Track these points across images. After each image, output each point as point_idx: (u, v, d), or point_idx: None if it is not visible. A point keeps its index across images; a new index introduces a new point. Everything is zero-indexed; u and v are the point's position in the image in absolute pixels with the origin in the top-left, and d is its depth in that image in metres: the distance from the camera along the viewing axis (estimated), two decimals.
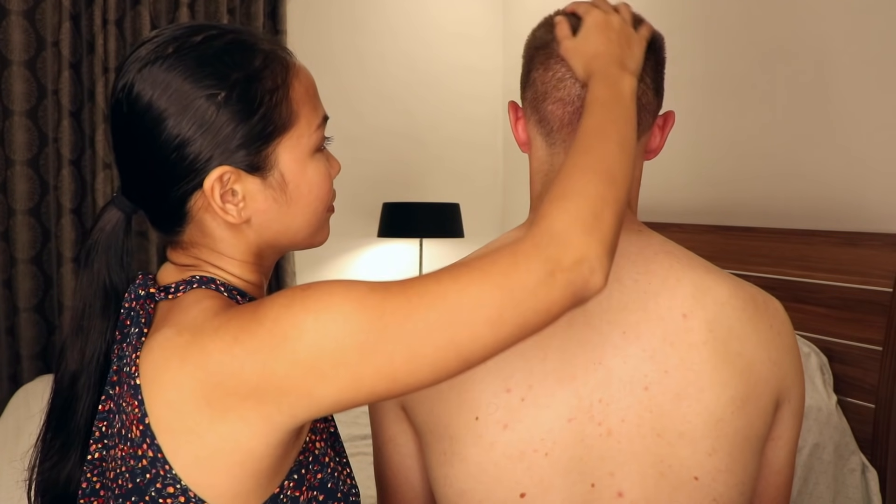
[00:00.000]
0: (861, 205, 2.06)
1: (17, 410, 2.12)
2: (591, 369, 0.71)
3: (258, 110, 0.67)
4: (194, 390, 0.59)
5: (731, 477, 0.71)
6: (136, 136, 0.67)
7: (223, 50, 0.67)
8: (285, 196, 0.70)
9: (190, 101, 0.65)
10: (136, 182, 0.69)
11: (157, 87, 0.66)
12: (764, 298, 0.77)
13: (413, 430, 0.78)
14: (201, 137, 0.66)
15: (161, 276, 0.73)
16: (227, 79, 0.66)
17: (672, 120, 0.83)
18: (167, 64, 0.66)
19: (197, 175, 0.67)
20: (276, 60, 0.69)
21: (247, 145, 0.67)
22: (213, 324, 0.61)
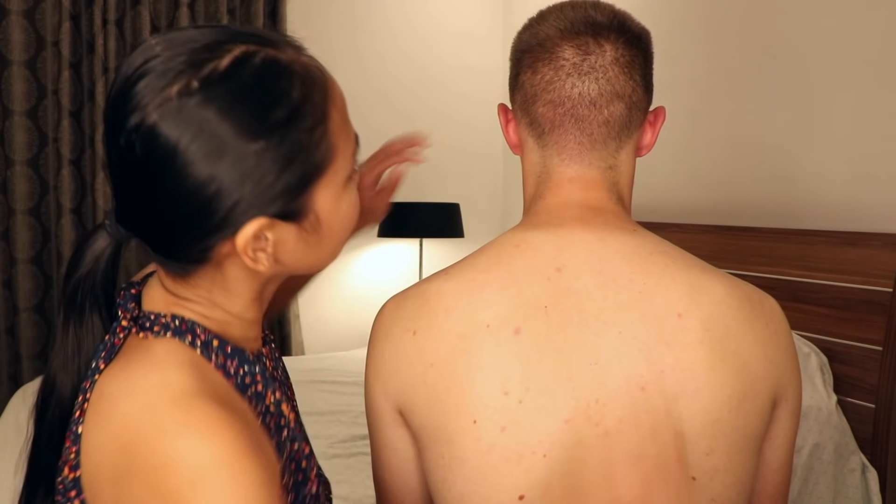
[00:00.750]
0: (861, 205, 2.06)
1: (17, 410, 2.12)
2: (587, 370, 0.71)
3: (299, 154, 0.60)
4: (110, 467, 0.57)
5: (728, 476, 0.71)
6: (155, 182, 0.58)
7: (258, 79, 0.59)
8: (318, 236, 0.65)
9: (226, 146, 0.57)
10: (147, 224, 0.62)
11: (187, 128, 0.57)
12: (760, 297, 0.77)
13: (411, 434, 0.78)
14: (239, 188, 0.58)
15: (146, 293, 0.67)
16: (267, 119, 0.58)
17: (663, 116, 0.83)
18: (196, 100, 0.57)
19: (229, 227, 0.60)
20: (312, 84, 0.62)
21: (286, 194, 0.60)
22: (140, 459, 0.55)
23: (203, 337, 0.63)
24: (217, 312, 0.66)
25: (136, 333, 0.63)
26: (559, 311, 0.72)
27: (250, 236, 0.60)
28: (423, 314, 0.75)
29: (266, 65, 0.60)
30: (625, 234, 0.77)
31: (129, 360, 0.61)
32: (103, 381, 0.60)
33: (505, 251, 0.77)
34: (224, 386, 0.62)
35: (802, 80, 2.23)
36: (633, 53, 0.77)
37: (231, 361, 0.65)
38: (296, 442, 0.69)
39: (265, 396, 0.67)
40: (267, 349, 0.74)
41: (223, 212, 0.59)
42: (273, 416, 0.67)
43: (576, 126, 0.78)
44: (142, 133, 0.57)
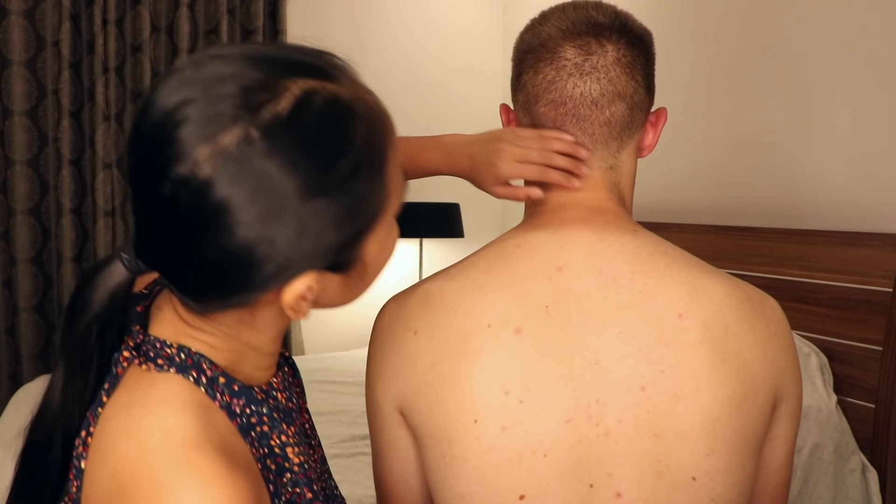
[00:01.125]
0: (861, 205, 2.06)
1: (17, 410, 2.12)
2: (587, 370, 0.71)
3: (358, 208, 0.56)
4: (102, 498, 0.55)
5: (729, 477, 0.71)
6: (199, 236, 0.53)
7: (322, 125, 0.54)
8: (361, 280, 0.62)
9: (286, 205, 0.52)
10: (177, 269, 0.57)
11: (245, 186, 0.51)
12: (760, 297, 0.77)
13: (411, 434, 0.78)
14: (293, 246, 0.54)
15: (155, 313, 0.63)
16: (331, 173, 0.53)
17: (664, 117, 0.83)
18: (257, 153, 0.51)
19: (275, 283, 0.56)
20: (374, 127, 0.57)
21: (340, 248, 0.57)
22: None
23: (209, 373, 0.60)
24: (233, 344, 0.62)
25: (139, 365, 0.59)
26: (560, 310, 0.72)
27: (298, 293, 0.56)
28: (423, 314, 0.75)
29: (329, 107, 0.54)
30: (625, 234, 0.77)
31: (130, 397, 0.57)
32: (105, 415, 0.58)
33: (506, 251, 0.77)
34: (227, 428, 0.59)
35: (802, 80, 2.23)
36: (634, 54, 0.78)
37: (237, 400, 0.61)
38: (298, 486, 0.65)
39: (270, 437, 0.64)
40: (279, 377, 0.70)
41: (272, 270, 0.54)
42: (277, 458, 0.64)
43: (577, 126, 0.78)
44: (191, 187, 0.51)
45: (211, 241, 0.53)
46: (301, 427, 0.72)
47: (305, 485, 0.67)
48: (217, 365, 0.61)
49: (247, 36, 3.03)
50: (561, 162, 0.78)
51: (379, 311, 0.82)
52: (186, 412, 0.56)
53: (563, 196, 0.80)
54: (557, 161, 0.78)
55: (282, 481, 0.64)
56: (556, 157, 0.78)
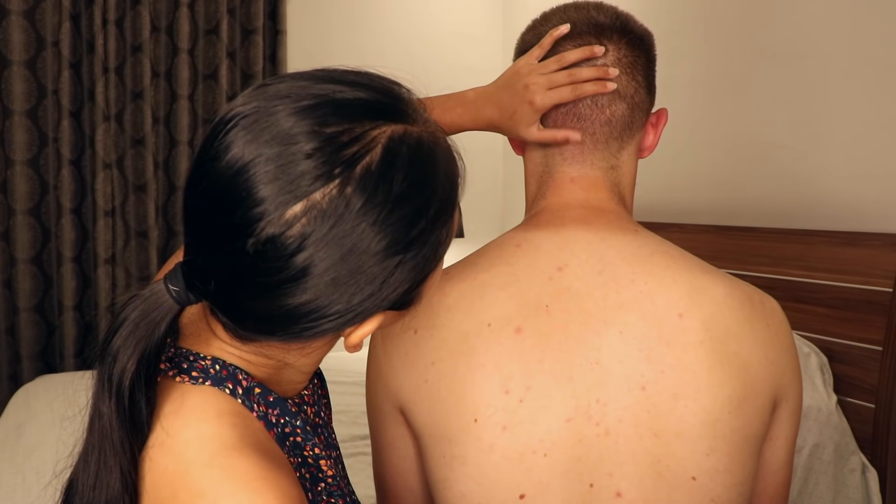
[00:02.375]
0: (861, 205, 2.06)
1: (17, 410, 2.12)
2: (588, 370, 0.71)
3: (433, 253, 0.57)
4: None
5: (729, 477, 0.71)
6: (276, 290, 0.52)
7: (410, 178, 0.53)
8: (414, 310, 0.61)
9: (371, 265, 0.52)
10: (240, 310, 0.55)
11: (337, 247, 0.51)
12: (760, 298, 0.77)
13: (412, 433, 0.78)
14: (370, 298, 0.54)
15: (186, 325, 0.61)
16: (414, 229, 0.53)
17: (665, 118, 0.83)
18: (352, 213, 0.50)
19: (346, 327, 0.56)
20: (451, 171, 0.58)
21: (409, 291, 0.57)
22: None
23: (245, 384, 0.59)
24: (271, 362, 0.61)
25: (173, 377, 0.58)
26: (560, 310, 0.72)
27: (365, 335, 0.57)
28: (424, 313, 0.75)
29: (415, 155, 0.54)
30: (626, 234, 0.77)
31: (164, 409, 0.56)
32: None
33: (506, 251, 0.77)
34: (265, 436, 0.58)
35: (803, 80, 2.23)
36: (635, 54, 0.78)
37: (273, 410, 0.61)
38: (332, 497, 0.66)
39: (304, 448, 0.63)
40: (310, 389, 0.70)
41: (345, 319, 0.54)
42: (311, 468, 0.64)
43: (578, 125, 0.78)
44: (280, 246, 0.50)
45: (288, 298, 0.52)
46: (328, 441, 0.72)
47: (339, 496, 0.66)
48: (252, 376, 0.60)
49: (247, 36, 3.03)
50: (588, 74, 0.77)
51: None
52: (223, 420, 0.55)
53: (563, 196, 0.80)
54: (584, 75, 0.77)
55: (317, 490, 0.64)
56: (582, 71, 0.77)
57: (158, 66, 2.89)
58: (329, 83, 0.55)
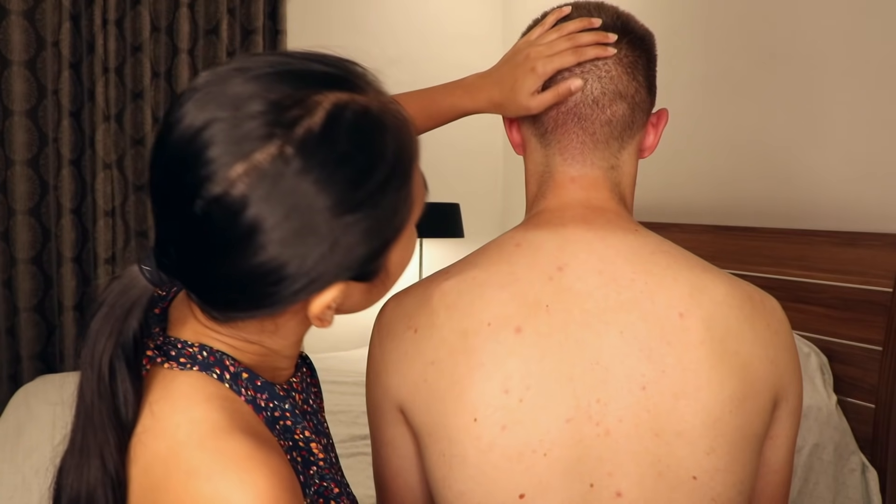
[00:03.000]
0: (861, 205, 2.06)
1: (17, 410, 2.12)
2: (588, 369, 0.71)
3: (388, 218, 0.57)
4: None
5: (729, 476, 0.71)
6: (230, 253, 0.53)
7: (354, 140, 0.54)
8: (383, 287, 0.62)
9: (319, 222, 0.53)
10: (203, 282, 0.57)
11: (280, 204, 0.51)
12: (761, 297, 0.77)
13: (411, 432, 0.78)
14: (324, 262, 0.54)
15: (174, 314, 0.63)
16: (363, 188, 0.54)
17: (665, 118, 0.83)
18: (292, 170, 0.51)
19: (304, 296, 0.56)
20: (402, 137, 0.58)
21: (368, 259, 0.57)
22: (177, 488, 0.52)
23: (233, 369, 0.60)
24: (253, 347, 0.62)
25: (161, 364, 0.59)
26: (560, 310, 0.72)
27: (325, 304, 0.57)
28: (423, 312, 0.75)
29: (360, 120, 0.55)
30: (626, 233, 0.77)
31: (154, 395, 0.58)
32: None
33: (506, 250, 0.77)
34: (254, 419, 0.59)
35: (802, 80, 2.23)
36: (636, 54, 0.78)
37: (261, 395, 0.62)
38: (324, 480, 0.66)
39: (294, 431, 0.64)
40: (298, 377, 0.71)
41: (301, 284, 0.54)
42: (302, 451, 0.65)
43: (578, 125, 0.78)
44: (224, 206, 0.51)
45: (242, 259, 0.53)
46: (317, 427, 0.72)
47: (331, 479, 0.67)
48: (239, 362, 0.61)
49: (247, 36, 3.03)
50: (587, 38, 0.77)
51: (380, 310, 0.82)
52: (212, 404, 0.56)
53: (564, 195, 0.80)
54: (584, 39, 0.77)
55: (309, 473, 0.65)
56: (582, 36, 0.77)
57: (158, 66, 2.89)
58: (282, 57, 0.57)
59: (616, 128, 0.78)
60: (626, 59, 0.77)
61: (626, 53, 0.77)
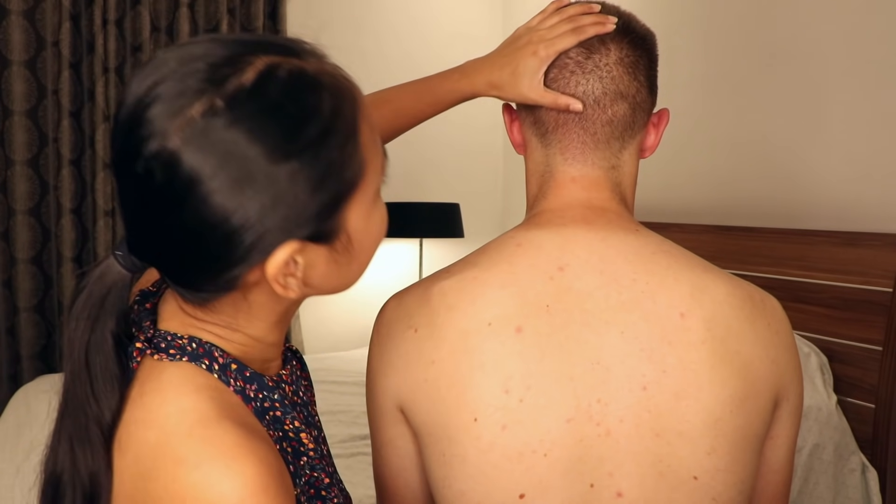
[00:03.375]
0: (861, 205, 2.06)
1: (17, 410, 2.12)
2: (589, 369, 0.71)
3: (331, 173, 0.56)
4: (127, 495, 0.56)
5: (730, 476, 0.71)
6: (177, 212, 0.54)
7: (286, 94, 0.55)
8: (349, 255, 0.61)
9: (256, 171, 0.53)
10: (166, 255, 0.58)
11: (212, 154, 0.52)
12: (762, 297, 0.77)
13: (412, 432, 0.78)
14: (269, 214, 0.54)
15: (163, 309, 0.64)
16: (299, 138, 0.54)
17: (666, 118, 0.83)
18: (222, 122, 0.52)
19: (258, 255, 0.56)
20: (342, 96, 0.58)
21: (318, 216, 0.57)
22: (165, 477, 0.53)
23: (221, 360, 0.61)
24: (237, 336, 0.63)
25: (151, 355, 0.60)
26: (561, 310, 0.72)
27: (281, 263, 0.56)
28: (424, 312, 0.75)
29: (293, 78, 0.56)
30: (627, 233, 0.77)
31: (144, 386, 0.59)
32: (127, 410, 0.59)
33: (507, 250, 0.77)
34: (244, 410, 0.60)
35: (802, 80, 2.23)
36: (637, 54, 0.78)
37: (250, 386, 0.62)
38: (315, 471, 0.66)
39: (284, 422, 0.64)
40: (287, 370, 0.71)
41: (252, 240, 0.54)
42: (292, 442, 0.65)
43: (579, 125, 0.78)
44: (162, 160, 0.53)
45: (187, 213, 0.54)
46: (308, 419, 0.73)
47: (321, 470, 0.68)
48: (228, 353, 0.62)
49: None
50: (588, 20, 0.77)
51: (380, 310, 0.82)
52: (201, 394, 0.57)
53: (564, 195, 0.80)
54: (585, 20, 0.77)
55: (299, 464, 0.65)
56: (581, 18, 0.78)
57: None
58: (235, 33, 0.60)
59: (617, 128, 0.78)
60: (628, 59, 0.77)
61: (627, 53, 0.77)
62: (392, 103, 0.91)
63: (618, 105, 0.77)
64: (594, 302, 0.73)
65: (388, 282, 3.47)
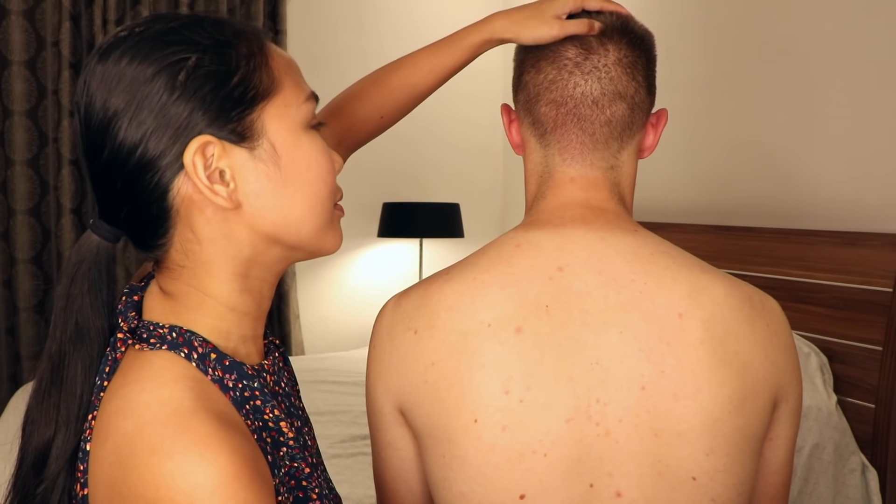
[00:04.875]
0: (861, 205, 2.06)
1: (17, 410, 2.12)
2: (588, 370, 0.71)
3: (235, 72, 0.60)
4: (106, 484, 0.56)
5: (729, 477, 0.71)
6: (96, 140, 0.60)
7: (187, 24, 0.61)
8: (280, 172, 0.62)
9: (149, 80, 0.58)
10: (109, 193, 0.62)
11: (110, 81, 0.59)
12: (760, 297, 0.77)
13: (412, 434, 0.78)
14: (172, 109, 0.59)
15: (147, 300, 0.66)
16: (197, 45, 0.60)
17: (665, 118, 0.83)
18: (120, 51, 0.59)
19: (174, 156, 0.60)
20: (251, 33, 0.64)
21: (227, 110, 0.60)
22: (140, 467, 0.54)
23: (200, 350, 0.62)
24: (209, 305, 0.64)
25: (134, 346, 0.61)
26: (560, 310, 0.72)
27: (195, 151, 0.59)
28: (424, 313, 0.75)
29: (201, 18, 0.62)
30: (626, 234, 0.77)
31: (126, 377, 0.60)
32: (105, 398, 0.60)
33: (506, 251, 0.77)
34: (221, 400, 0.61)
35: (802, 80, 2.23)
36: (636, 54, 0.78)
37: (229, 375, 0.63)
38: (295, 461, 0.67)
39: (263, 411, 0.65)
40: (269, 360, 0.72)
41: (159, 144, 0.59)
42: (272, 432, 0.65)
43: (578, 126, 0.78)
44: (83, 94, 0.60)
45: (109, 145, 0.59)
46: (291, 411, 0.73)
47: (302, 459, 0.68)
48: (208, 342, 0.63)
49: None
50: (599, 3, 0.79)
51: (379, 311, 0.82)
52: (178, 385, 0.58)
53: (563, 196, 0.80)
54: None
55: (279, 454, 0.65)
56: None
57: None
58: None
59: (616, 128, 0.78)
60: (626, 59, 0.77)
61: (625, 53, 0.77)
62: (411, 62, 0.93)
63: (616, 105, 0.77)
64: (593, 302, 0.73)
65: (388, 282, 3.47)
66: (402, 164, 3.48)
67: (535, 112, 0.80)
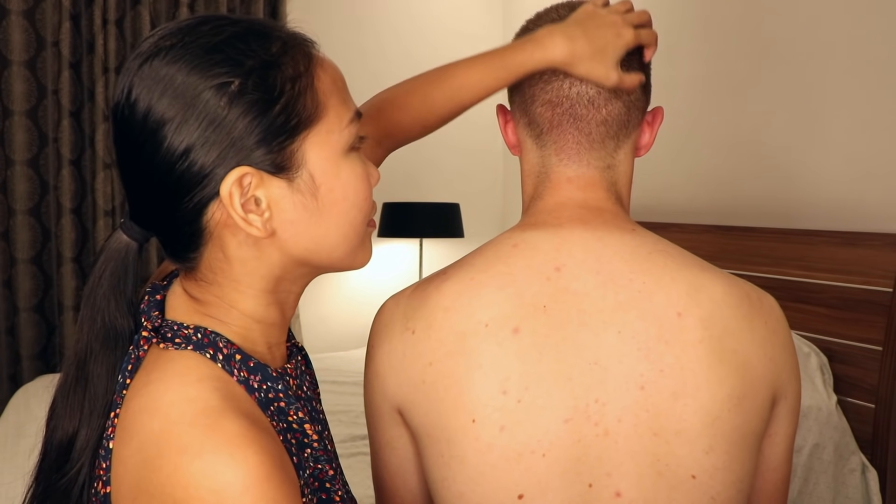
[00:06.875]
0: (861, 205, 2.06)
1: (17, 410, 2.12)
2: (586, 370, 0.71)
3: (279, 99, 0.59)
4: (131, 483, 0.56)
5: (728, 475, 0.71)
6: (137, 144, 0.59)
7: (234, 36, 0.59)
8: (317, 202, 0.62)
9: (196, 96, 0.57)
10: (144, 199, 0.61)
11: (156, 85, 0.57)
12: (759, 296, 0.77)
13: (410, 434, 0.78)
14: (213, 135, 0.57)
15: (170, 300, 0.66)
16: (241, 66, 0.58)
17: (661, 116, 0.83)
18: (169, 57, 0.58)
19: (212, 181, 0.58)
20: (297, 47, 0.61)
21: (267, 141, 0.58)
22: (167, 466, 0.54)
23: (226, 351, 0.61)
24: (234, 316, 0.64)
25: (158, 344, 0.61)
26: (558, 310, 0.72)
27: (233, 183, 0.58)
28: (421, 314, 0.75)
29: (247, 28, 0.60)
30: (624, 233, 0.77)
31: (150, 375, 0.59)
32: (128, 396, 0.59)
33: (503, 251, 0.77)
34: (247, 400, 0.60)
35: (802, 81, 2.23)
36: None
37: (254, 376, 0.63)
38: (319, 462, 0.67)
39: (288, 413, 0.65)
40: (292, 364, 0.71)
41: (199, 164, 0.58)
42: (296, 433, 0.65)
43: (574, 125, 0.78)
44: (125, 96, 0.59)
45: (152, 148, 0.58)
46: (312, 414, 0.73)
47: (326, 462, 0.68)
48: (233, 343, 0.62)
49: None
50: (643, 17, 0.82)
51: (378, 311, 0.82)
52: (204, 384, 0.58)
53: (560, 195, 0.80)
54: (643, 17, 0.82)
55: (303, 455, 0.65)
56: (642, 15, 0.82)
57: None
58: None
59: (612, 127, 0.78)
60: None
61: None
62: (458, 78, 0.89)
63: (612, 104, 0.78)
64: (591, 302, 0.72)
65: (388, 282, 3.47)
66: (401, 164, 3.47)
67: (530, 112, 0.80)
